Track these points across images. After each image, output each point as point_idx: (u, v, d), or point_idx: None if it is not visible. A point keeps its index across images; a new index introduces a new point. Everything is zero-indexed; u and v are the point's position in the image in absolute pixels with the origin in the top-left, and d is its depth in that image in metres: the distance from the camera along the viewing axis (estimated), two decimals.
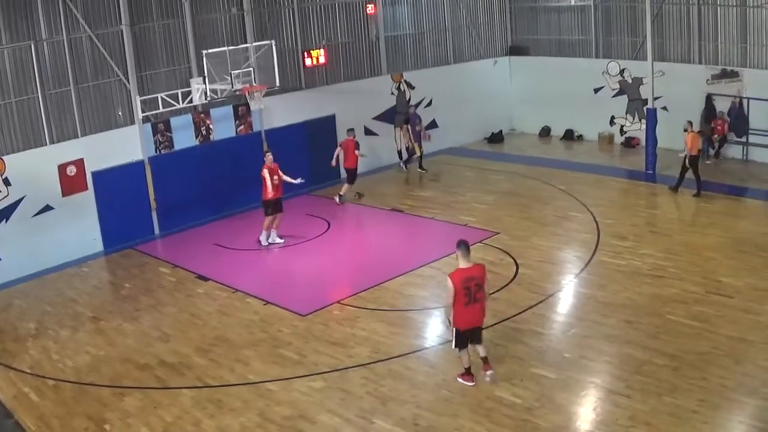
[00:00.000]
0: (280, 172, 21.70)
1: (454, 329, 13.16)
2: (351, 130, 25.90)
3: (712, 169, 26.48)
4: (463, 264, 13.00)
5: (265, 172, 21.43)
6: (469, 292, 12.88)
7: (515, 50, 34.58)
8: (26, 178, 20.82)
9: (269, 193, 21.49)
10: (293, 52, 27.08)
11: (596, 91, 31.43)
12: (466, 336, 13.26)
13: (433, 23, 31.87)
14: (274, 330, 16.58)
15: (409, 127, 28.88)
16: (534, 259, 19.44)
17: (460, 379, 13.62)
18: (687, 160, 23.48)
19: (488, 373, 13.49)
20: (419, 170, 28.65)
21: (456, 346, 13.33)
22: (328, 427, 12.70)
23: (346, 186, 25.57)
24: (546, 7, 33.63)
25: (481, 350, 13.54)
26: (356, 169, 25.54)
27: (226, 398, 13.86)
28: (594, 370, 13.81)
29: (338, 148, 25.53)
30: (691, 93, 27.84)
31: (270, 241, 22.02)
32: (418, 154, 28.70)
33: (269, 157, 21.75)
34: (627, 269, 18.30)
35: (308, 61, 27.30)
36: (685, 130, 23.66)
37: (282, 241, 22.10)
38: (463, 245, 13.11)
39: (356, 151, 25.31)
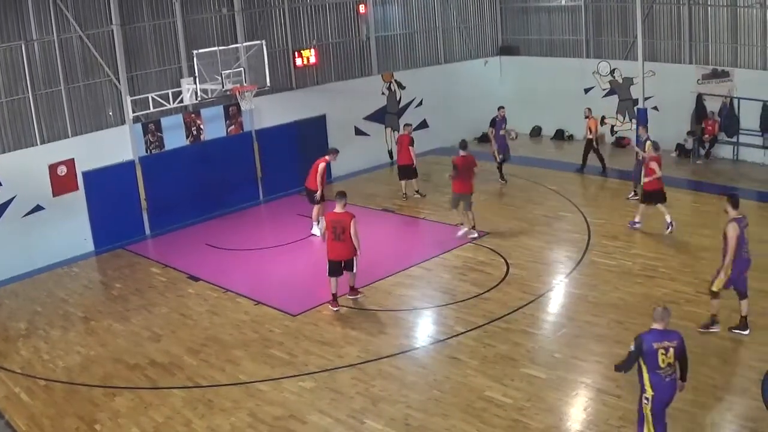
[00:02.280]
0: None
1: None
2: (408, 125, 25.72)
3: (703, 169, 26.58)
4: (338, 209, 17.18)
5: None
6: (335, 231, 16.90)
7: (506, 50, 34.65)
8: (17, 178, 20.76)
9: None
10: (284, 52, 27.07)
11: (587, 91, 31.49)
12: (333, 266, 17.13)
13: (423, 23, 31.91)
14: (264, 330, 16.58)
15: (493, 130, 26.86)
16: (525, 259, 19.47)
17: (330, 305, 17.25)
18: (595, 143, 26.57)
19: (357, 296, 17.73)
20: (500, 181, 26.57)
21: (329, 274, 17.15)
22: (318, 427, 12.71)
23: (413, 181, 25.53)
24: (536, 7, 33.70)
25: (351, 279, 17.59)
26: (410, 165, 25.07)
27: (217, 398, 13.85)
28: (585, 370, 13.85)
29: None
30: (682, 93, 27.96)
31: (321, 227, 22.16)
32: (498, 161, 26.61)
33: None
34: (618, 269, 18.35)
35: (299, 61, 27.28)
36: (586, 117, 26.64)
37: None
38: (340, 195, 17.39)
39: (411, 148, 24.84)
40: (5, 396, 14.59)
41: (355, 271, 17.49)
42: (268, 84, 23.97)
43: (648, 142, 21.21)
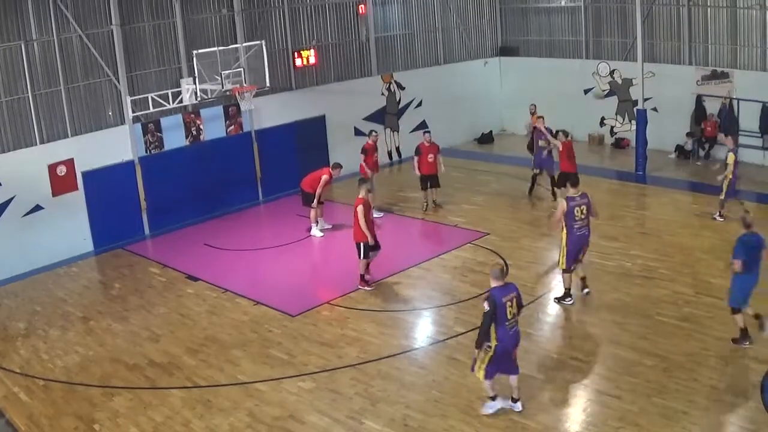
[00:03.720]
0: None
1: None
2: (427, 132, 24.54)
3: (702, 170, 26.57)
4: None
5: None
6: None
7: (505, 51, 34.64)
8: (16, 178, 20.76)
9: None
10: (283, 52, 27.06)
11: (586, 92, 31.51)
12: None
13: (423, 24, 31.89)
14: (263, 330, 16.58)
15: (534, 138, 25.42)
16: (524, 260, 19.47)
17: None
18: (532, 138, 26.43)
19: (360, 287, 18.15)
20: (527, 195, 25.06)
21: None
22: (317, 428, 12.71)
23: (432, 191, 24.26)
24: (536, 8, 33.69)
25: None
26: (432, 174, 23.72)
27: (216, 398, 13.85)
28: (583, 370, 13.84)
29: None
30: (681, 94, 27.97)
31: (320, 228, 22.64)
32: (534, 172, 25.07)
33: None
34: (617, 270, 18.35)
35: (298, 62, 27.27)
36: (532, 113, 27.31)
37: (329, 226, 23.05)
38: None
39: (429, 156, 23.48)
40: (4, 395, 14.59)
41: (360, 258, 18.23)
42: (268, 84, 23.97)
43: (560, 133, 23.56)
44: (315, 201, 22.04)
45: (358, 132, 29.00)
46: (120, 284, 20.09)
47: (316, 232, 22.33)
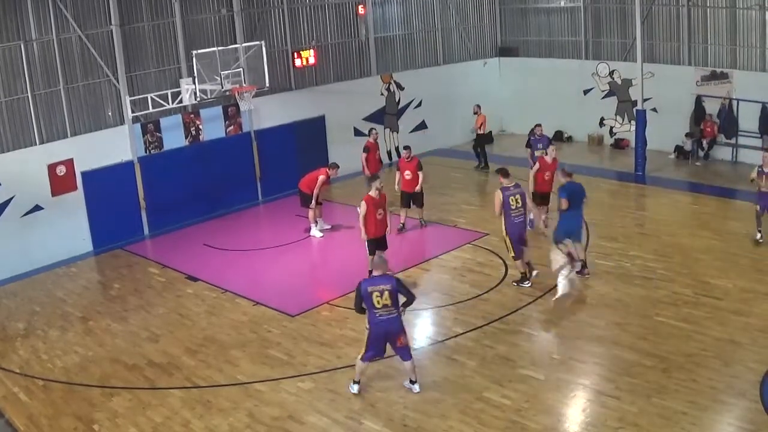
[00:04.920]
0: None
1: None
2: (406, 148, 22.88)
3: (702, 170, 26.58)
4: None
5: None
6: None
7: (505, 51, 34.64)
8: (15, 178, 20.76)
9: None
10: (283, 52, 27.06)
11: (586, 92, 31.51)
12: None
13: (422, 24, 31.90)
14: (263, 330, 16.57)
15: (530, 151, 24.80)
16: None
17: None
18: (478, 139, 28.60)
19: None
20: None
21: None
22: (316, 428, 12.71)
23: (417, 210, 22.67)
24: (535, 9, 33.70)
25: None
26: (412, 192, 22.21)
27: (215, 399, 13.85)
28: (583, 371, 13.85)
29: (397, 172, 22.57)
30: (681, 94, 27.97)
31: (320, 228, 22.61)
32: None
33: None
34: (616, 271, 18.35)
35: (298, 62, 27.26)
36: (475, 113, 28.74)
37: (328, 226, 23.01)
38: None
39: (407, 173, 22.08)
40: (3, 396, 14.58)
41: (368, 255, 18.38)
42: (267, 84, 23.98)
43: None
44: (313, 202, 22.02)
45: (357, 132, 29.00)
46: (119, 284, 20.09)
47: (315, 232, 22.31)
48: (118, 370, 15.25)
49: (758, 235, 19.31)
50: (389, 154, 30.38)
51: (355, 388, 13.59)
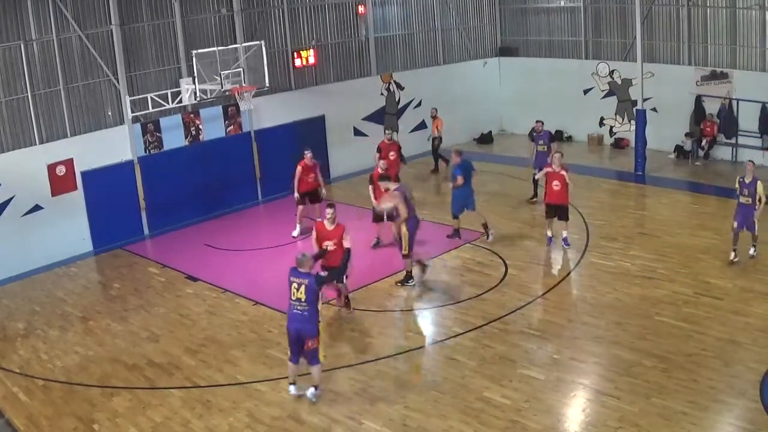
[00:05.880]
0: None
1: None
2: (390, 131, 23.48)
3: (701, 170, 26.58)
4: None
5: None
6: None
7: (505, 51, 34.63)
8: (15, 178, 20.74)
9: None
10: (283, 52, 27.05)
11: (586, 92, 31.51)
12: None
13: (422, 24, 31.88)
14: (263, 330, 16.57)
15: (534, 145, 24.59)
16: (523, 260, 19.47)
17: None
18: (435, 142, 28.71)
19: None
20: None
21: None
22: (316, 428, 12.71)
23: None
24: (535, 8, 33.69)
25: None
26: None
27: (215, 398, 13.85)
28: (583, 371, 13.85)
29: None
30: (681, 94, 27.96)
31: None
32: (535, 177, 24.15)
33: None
34: (616, 270, 18.35)
35: (298, 62, 27.26)
36: (432, 117, 29.02)
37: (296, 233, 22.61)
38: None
39: (391, 154, 22.83)
40: (3, 396, 14.58)
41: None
42: (267, 84, 23.96)
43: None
44: (295, 194, 21.90)
45: (357, 132, 29.01)
46: (119, 284, 20.08)
47: (295, 232, 22.37)
48: (118, 370, 15.25)
49: (732, 255, 18.12)
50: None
51: (292, 389, 13.65)
